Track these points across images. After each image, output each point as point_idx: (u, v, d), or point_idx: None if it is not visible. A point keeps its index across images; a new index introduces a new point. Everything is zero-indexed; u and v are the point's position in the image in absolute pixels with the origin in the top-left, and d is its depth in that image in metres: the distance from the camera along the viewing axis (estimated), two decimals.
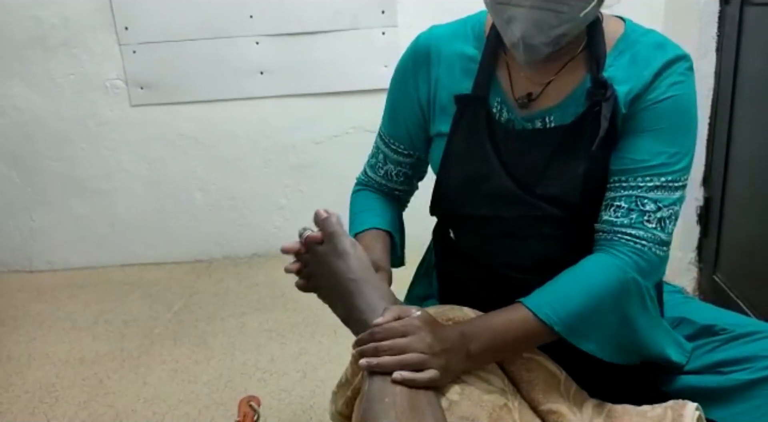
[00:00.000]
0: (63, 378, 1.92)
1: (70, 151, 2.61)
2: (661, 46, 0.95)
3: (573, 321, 0.89)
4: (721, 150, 1.95)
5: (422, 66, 1.05)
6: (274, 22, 2.40)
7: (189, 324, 2.19)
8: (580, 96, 0.96)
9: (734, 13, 1.84)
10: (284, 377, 1.85)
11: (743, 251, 1.89)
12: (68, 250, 2.72)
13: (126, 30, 2.42)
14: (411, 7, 2.37)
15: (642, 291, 0.92)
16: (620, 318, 0.92)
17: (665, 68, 0.93)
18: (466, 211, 1.03)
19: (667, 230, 0.93)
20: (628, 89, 0.93)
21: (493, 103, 1.01)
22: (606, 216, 0.95)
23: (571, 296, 0.90)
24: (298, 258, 0.97)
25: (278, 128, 2.56)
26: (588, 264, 0.93)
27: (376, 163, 1.17)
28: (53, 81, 2.52)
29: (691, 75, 0.95)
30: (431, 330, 0.87)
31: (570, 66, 0.97)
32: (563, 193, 0.96)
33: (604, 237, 0.95)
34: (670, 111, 0.93)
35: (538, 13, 0.86)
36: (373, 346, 0.86)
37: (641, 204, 0.92)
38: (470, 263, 1.06)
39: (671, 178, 0.93)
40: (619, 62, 0.95)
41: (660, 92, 0.92)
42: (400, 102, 1.10)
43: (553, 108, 0.98)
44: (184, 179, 2.64)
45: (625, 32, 0.98)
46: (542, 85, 0.98)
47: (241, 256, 2.72)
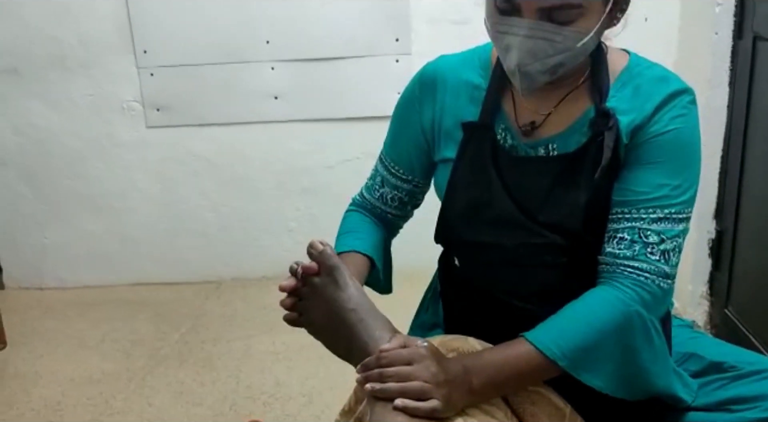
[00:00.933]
0: (69, 396, 1.93)
1: (85, 169, 2.64)
2: (664, 80, 0.96)
3: (577, 356, 0.88)
4: (733, 183, 1.94)
5: (428, 93, 1.06)
6: (289, 48, 2.44)
7: (196, 346, 2.19)
8: (583, 125, 0.97)
9: (747, 47, 1.84)
10: (290, 401, 1.84)
11: (755, 285, 1.88)
12: (79, 268, 2.74)
13: (144, 53, 2.46)
14: (425, 35, 2.40)
15: (646, 324, 0.91)
16: (624, 352, 0.91)
17: (667, 101, 0.93)
18: (468, 237, 1.03)
19: (670, 262, 0.93)
20: (630, 120, 0.94)
21: (497, 131, 1.02)
22: (609, 247, 0.94)
23: (574, 330, 0.89)
24: (291, 293, 0.95)
25: (291, 152, 2.58)
26: (591, 298, 0.93)
27: (373, 184, 1.16)
28: (71, 101, 2.56)
29: (693, 108, 0.95)
30: (437, 361, 0.87)
31: (573, 96, 0.98)
32: (565, 221, 0.96)
33: (607, 270, 0.94)
34: (672, 144, 0.93)
35: (533, 42, 0.88)
36: (378, 372, 0.86)
37: (644, 236, 0.92)
38: (474, 291, 1.06)
39: (674, 211, 0.92)
40: (621, 94, 0.96)
41: (662, 125, 0.93)
42: (404, 127, 1.11)
43: (556, 136, 0.98)
44: (196, 200, 2.66)
45: (629, 65, 0.99)
46: (545, 114, 0.99)
47: (250, 278, 2.72)
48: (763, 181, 1.81)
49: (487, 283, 1.04)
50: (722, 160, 2.00)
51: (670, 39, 2.23)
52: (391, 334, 0.92)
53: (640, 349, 0.92)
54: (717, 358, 1.03)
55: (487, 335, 0.99)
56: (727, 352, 1.05)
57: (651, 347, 0.93)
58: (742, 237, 1.94)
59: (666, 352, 0.98)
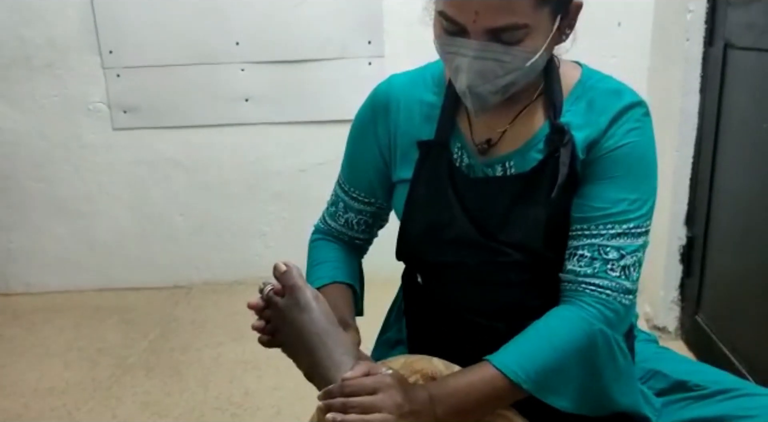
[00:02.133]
0: (31, 408, 1.88)
1: (51, 172, 2.58)
2: (617, 93, 0.95)
3: (541, 378, 0.87)
4: (704, 189, 1.95)
5: (381, 114, 1.05)
6: (260, 50, 2.40)
7: (164, 354, 2.15)
8: (538, 142, 0.96)
9: (718, 55, 1.84)
10: (258, 412, 1.81)
11: (725, 291, 1.88)
12: (46, 273, 2.68)
13: (110, 53, 2.41)
14: (397, 37, 2.37)
15: (610, 342, 0.91)
16: (588, 371, 0.90)
17: (621, 115, 0.93)
18: (430, 257, 1.02)
19: (631, 278, 0.92)
20: (585, 135, 0.93)
21: (453, 149, 1.00)
22: (570, 265, 0.94)
23: (537, 352, 0.88)
24: (260, 316, 0.94)
25: (262, 155, 2.55)
26: (554, 318, 0.92)
27: (335, 211, 1.14)
28: (36, 101, 2.49)
29: (647, 121, 0.95)
30: (403, 390, 0.84)
31: (528, 111, 0.98)
32: (525, 239, 0.95)
33: (569, 288, 0.93)
34: (628, 157, 0.93)
35: (482, 63, 0.87)
36: (341, 401, 0.83)
37: (604, 252, 0.92)
38: (438, 308, 1.04)
39: (633, 225, 0.92)
40: (575, 108, 0.96)
41: (617, 139, 0.93)
42: (359, 150, 1.09)
43: (513, 154, 0.97)
44: (166, 203, 2.61)
45: (581, 78, 0.98)
46: (501, 132, 0.98)
47: (221, 283, 2.69)
48: (734, 187, 1.81)
49: (450, 301, 1.02)
50: (693, 166, 2.00)
51: (644, 44, 2.23)
52: (353, 360, 0.89)
53: (604, 368, 0.91)
54: (682, 377, 1.02)
55: (451, 352, 0.98)
56: (692, 370, 1.04)
57: (615, 365, 0.92)
58: (712, 244, 1.94)
59: (630, 369, 0.97)
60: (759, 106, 1.65)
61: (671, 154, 2.01)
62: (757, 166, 1.66)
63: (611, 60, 2.20)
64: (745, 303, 1.74)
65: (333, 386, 0.85)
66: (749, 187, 1.71)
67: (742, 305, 1.76)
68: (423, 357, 0.97)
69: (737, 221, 1.79)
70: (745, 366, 1.71)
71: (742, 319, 1.76)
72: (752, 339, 1.70)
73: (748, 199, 1.71)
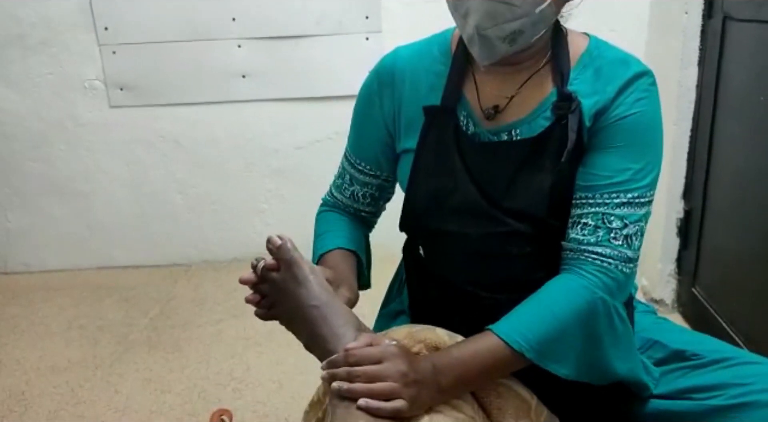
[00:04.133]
0: (33, 386, 1.89)
1: (48, 151, 2.57)
2: (625, 62, 0.96)
3: (543, 347, 0.88)
4: (701, 162, 1.95)
5: (387, 86, 1.05)
6: (256, 26, 2.38)
7: (164, 331, 2.16)
8: (545, 110, 0.96)
9: (716, 27, 1.83)
10: (260, 387, 1.83)
11: (722, 264, 1.90)
12: (45, 252, 2.68)
13: (106, 30, 2.39)
14: (395, 13, 2.35)
15: (610, 311, 0.92)
16: (589, 339, 0.91)
17: (629, 84, 0.93)
18: (433, 226, 1.02)
19: (633, 247, 0.93)
20: (592, 103, 0.94)
21: (460, 116, 1.00)
22: (573, 233, 0.94)
23: (539, 321, 0.89)
24: (255, 290, 0.94)
25: (260, 132, 2.54)
26: (555, 287, 0.93)
27: (342, 183, 1.15)
28: (31, 80, 2.47)
29: (654, 90, 0.95)
30: (408, 360, 0.85)
31: (535, 79, 0.98)
32: (529, 206, 0.95)
33: (571, 256, 0.94)
34: (635, 127, 0.93)
35: (492, 5, 0.86)
36: (345, 370, 0.84)
37: (608, 221, 0.92)
38: (439, 281, 1.05)
39: (637, 194, 0.93)
40: (583, 76, 0.96)
41: (624, 109, 0.93)
42: (365, 122, 1.09)
43: (519, 121, 0.98)
44: (164, 182, 2.61)
45: (589, 47, 0.98)
46: (508, 98, 0.98)
47: (220, 261, 2.69)
48: (731, 160, 1.81)
49: (451, 273, 1.03)
50: (691, 139, 2.00)
51: (642, 17, 2.22)
52: (355, 331, 0.90)
53: (604, 336, 0.92)
54: (679, 346, 1.03)
55: (453, 324, 0.98)
56: (690, 340, 1.06)
57: (615, 333, 0.93)
58: (709, 217, 1.95)
59: (630, 338, 0.98)
60: (757, 79, 1.64)
61: (669, 127, 2.00)
62: (755, 139, 1.66)
63: (609, 33, 2.12)
64: (741, 275, 1.75)
65: (337, 355, 0.86)
66: (746, 160, 1.71)
67: (738, 277, 1.77)
68: (427, 328, 0.98)
69: (734, 194, 1.80)
70: (741, 337, 1.72)
71: (738, 291, 1.77)
72: (748, 311, 1.72)
73: (745, 172, 1.72)
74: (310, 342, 0.91)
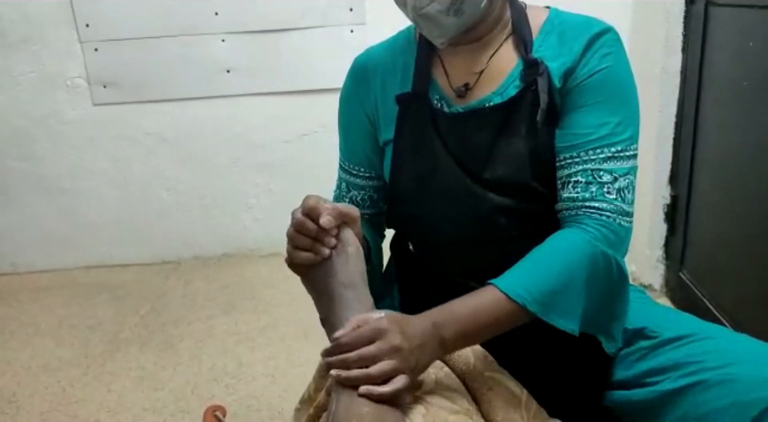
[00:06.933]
0: (25, 386, 1.88)
1: (32, 150, 2.54)
2: (587, 23, 0.97)
3: (546, 299, 0.87)
4: (687, 148, 1.96)
5: (362, 84, 1.07)
6: (240, 20, 2.36)
7: (156, 328, 2.16)
8: (515, 79, 0.97)
9: (699, 12, 1.84)
10: (253, 382, 1.83)
11: (709, 249, 1.91)
12: (32, 252, 2.66)
13: (87, 27, 2.36)
14: (379, 4, 2.33)
15: (611, 263, 0.92)
16: (592, 291, 0.91)
17: (593, 41, 0.95)
18: (419, 214, 1.02)
19: (627, 200, 0.94)
20: (560, 64, 0.95)
21: (432, 100, 1.02)
22: (565, 193, 0.95)
23: (542, 274, 0.89)
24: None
25: (246, 127, 2.52)
26: (557, 240, 0.93)
27: (339, 193, 1.16)
28: (13, 78, 2.45)
29: (619, 45, 0.96)
30: (400, 330, 0.83)
31: (500, 53, 0.99)
32: (511, 173, 0.96)
33: (569, 214, 0.95)
34: (606, 82, 0.94)
35: None
36: (339, 359, 0.83)
37: (598, 176, 0.93)
38: (430, 275, 1.05)
39: (621, 148, 0.94)
40: (547, 43, 0.97)
41: (593, 65, 0.94)
42: (350, 125, 1.11)
43: (492, 94, 0.99)
44: (151, 178, 2.59)
45: (550, 16, 1.00)
46: (476, 74, 0.99)
47: (210, 256, 2.69)
48: (716, 145, 1.83)
49: (442, 265, 1.03)
50: (675, 125, 2.01)
51: (625, 2, 2.22)
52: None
53: (607, 287, 0.93)
54: (640, 324, 1.01)
55: None
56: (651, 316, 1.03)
57: (616, 285, 0.94)
58: (696, 202, 1.97)
59: (628, 292, 0.98)
60: (740, 64, 1.65)
61: (654, 113, 2.02)
62: (739, 124, 1.68)
63: None
64: (728, 260, 1.77)
65: (330, 346, 0.85)
66: (731, 145, 1.72)
67: (724, 261, 1.79)
68: None
69: (720, 179, 1.81)
70: (728, 319, 1.74)
71: (724, 275, 1.79)
72: (734, 294, 1.74)
73: (731, 157, 1.73)
74: (326, 316, 0.90)
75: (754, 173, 1.60)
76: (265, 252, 2.66)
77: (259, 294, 2.35)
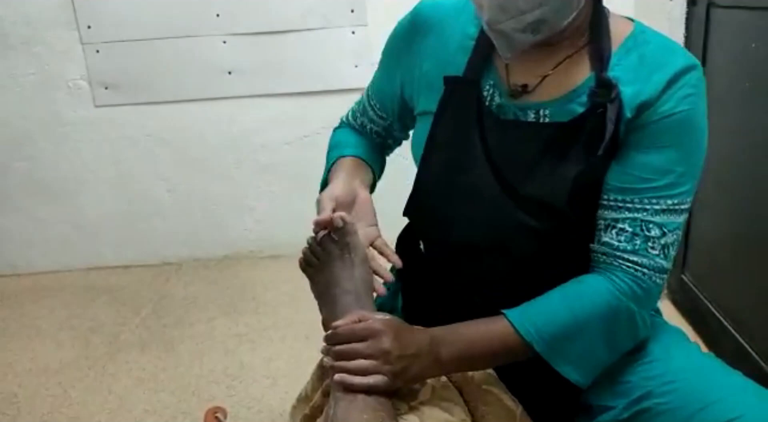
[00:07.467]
0: (25, 388, 1.88)
1: (32, 151, 2.54)
2: (672, 51, 0.88)
3: (555, 344, 0.85)
4: None
5: (418, 35, 0.99)
6: (241, 21, 2.36)
7: (156, 330, 2.15)
8: (580, 94, 0.89)
9: (701, 14, 1.84)
10: (254, 384, 1.82)
11: (710, 251, 1.91)
12: (32, 254, 2.66)
13: (89, 29, 2.36)
14: (381, 5, 2.33)
15: (634, 319, 0.88)
16: (606, 344, 0.88)
17: (678, 77, 0.85)
18: (440, 207, 0.95)
19: (669, 257, 0.88)
20: (635, 91, 0.86)
21: (485, 86, 0.93)
22: (606, 237, 0.88)
23: (557, 316, 0.86)
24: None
25: (248, 128, 2.52)
26: (582, 286, 0.89)
27: (357, 110, 1.16)
28: (14, 80, 2.45)
29: (702, 86, 0.88)
30: (393, 336, 0.83)
31: (572, 61, 0.90)
32: (548, 195, 0.88)
33: (603, 260, 0.89)
34: (681, 127, 0.86)
35: None
36: (326, 348, 0.85)
37: (646, 228, 0.86)
38: (436, 280, 1.02)
39: (678, 201, 0.87)
40: (625, 62, 0.88)
41: (672, 105, 0.85)
42: (388, 66, 1.07)
43: (550, 102, 0.90)
44: (152, 180, 2.59)
45: (634, 32, 0.90)
46: (539, 78, 0.90)
47: (211, 258, 2.68)
48: (718, 148, 1.81)
49: (450, 269, 0.99)
50: None
51: (626, 5, 2.22)
52: None
53: (622, 342, 0.90)
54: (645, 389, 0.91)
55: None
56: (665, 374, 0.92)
57: (633, 341, 0.91)
58: (697, 204, 1.96)
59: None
60: (742, 66, 1.65)
61: None
62: (741, 125, 1.67)
63: None
64: (729, 261, 1.76)
65: (329, 333, 0.86)
66: (732, 146, 1.72)
67: (726, 263, 1.79)
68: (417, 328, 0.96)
69: (721, 181, 1.81)
70: (730, 322, 1.74)
71: (726, 277, 1.79)
72: (736, 296, 1.73)
73: (732, 159, 1.73)
74: (327, 320, 0.91)
75: (755, 175, 1.60)
76: (266, 254, 2.65)
77: (260, 295, 2.35)
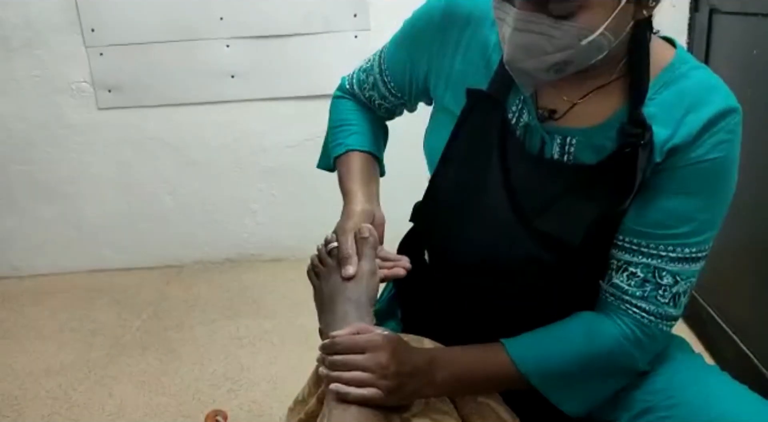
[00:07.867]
0: (26, 390, 1.88)
1: (34, 154, 2.54)
2: (713, 89, 0.82)
3: (551, 380, 0.85)
4: None
5: (454, 27, 0.92)
6: (244, 25, 2.37)
7: (158, 333, 2.15)
8: (611, 128, 0.83)
9: (703, 20, 1.85)
10: (254, 387, 1.82)
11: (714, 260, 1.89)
12: (34, 256, 2.66)
13: (92, 32, 2.37)
14: (383, 10, 2.34)
15: (635, 363, 0.86)
16: (603, 384, 0.88)
17: (715, 122, 0.80)
18: (449, 226, 0.93)
19: (679, 305, 0.85)
20: (668, 135, 0.80)
21: (512, 103, 0.88)
22: (617, 279, 0.85)
23: (556, 353, 0.85)
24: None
25: (250, 132, 2.53)
26: (585, 325, 0.87)
27: (364, 81, 1.07)
28: (17, 82, 2.45)
29: (738, 131, 0.82)
30: (392, 352, 0.82)
31: (605, 90, 0.84)
32: (563, 232, 0.84)
33: (610, 301, 0.86)
34: (711, 174, 0.81)
35: (525, 37, 0.75)
36: (323, 357, 0.84)
37: (659, 276, 0.83)
38: (440, 295, 1.00)
39: (696, 249, 0.83)
40: (662, 97, 0.82)
41: (704, 151, 0.80)
42: (415, 49, 0.97)
43: (579, 131, 0.85)
44: (154, 183, 2.60)
45: (674, 62, 0.84)
46: (568, 103, 0.85)
47: (212, 261, 2.68)
48: None
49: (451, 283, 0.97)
50: None
51: None
52: None
53: (620, 383, 0.89)
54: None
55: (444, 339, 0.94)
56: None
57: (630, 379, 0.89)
58: None
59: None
60: (744, 72, 1.66)
61: None
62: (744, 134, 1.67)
63: None
64: (733, 271, 1.76)
65: (326, 342, 0.85)
66: None
67: (729, 273, 1.78)
68: (414, 338, 0.95)
69: None
70: (732, 329, 1.74)
71: (730, 286, 1.78)
72: (740, 305, 1.73)
73: None
74: (325, 330, 0.91)
75: (757, 183, 1.60)
76: (267, 258, 2.66)
77: (261, 299, 2.35)
